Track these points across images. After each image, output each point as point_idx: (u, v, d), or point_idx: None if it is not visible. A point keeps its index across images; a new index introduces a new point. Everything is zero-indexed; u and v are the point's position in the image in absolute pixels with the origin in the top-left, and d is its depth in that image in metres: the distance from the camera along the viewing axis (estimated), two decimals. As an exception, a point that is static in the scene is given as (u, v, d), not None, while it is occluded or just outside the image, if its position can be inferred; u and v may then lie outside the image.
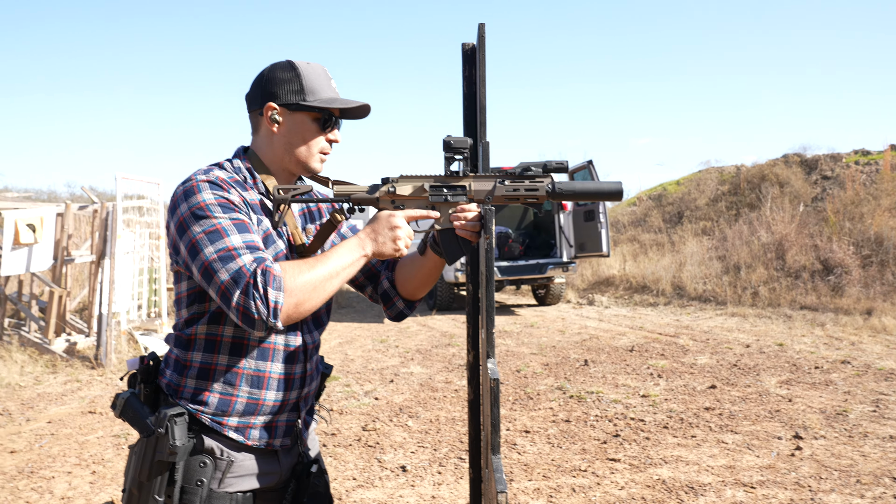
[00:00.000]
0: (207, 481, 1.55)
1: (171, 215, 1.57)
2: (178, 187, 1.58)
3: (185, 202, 1.53)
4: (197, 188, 1.54)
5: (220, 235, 1.48)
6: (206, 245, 1.47)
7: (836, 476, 3.98)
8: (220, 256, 1.45)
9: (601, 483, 4.03)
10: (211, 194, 1.53)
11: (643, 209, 18.73)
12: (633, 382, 6.39)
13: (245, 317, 1.42)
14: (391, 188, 1.71)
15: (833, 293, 10.77)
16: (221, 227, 1.49)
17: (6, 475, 4.36)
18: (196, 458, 1.56)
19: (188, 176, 1.60)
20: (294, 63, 1.69)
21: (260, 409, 1.63)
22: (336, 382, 6.76)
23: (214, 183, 1.56)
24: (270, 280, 1.42)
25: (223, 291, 1.43)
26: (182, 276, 1.61)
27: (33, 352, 7.80)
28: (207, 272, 1.46)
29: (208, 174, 1.59)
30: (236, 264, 1.44)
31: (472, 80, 2.05)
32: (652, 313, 11.28)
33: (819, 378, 6.26)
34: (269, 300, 1.41)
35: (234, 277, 1.43)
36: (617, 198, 1.71)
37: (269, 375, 1.64)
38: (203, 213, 1.51)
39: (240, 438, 1.61)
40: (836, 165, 15.73)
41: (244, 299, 1.41)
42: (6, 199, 10.61)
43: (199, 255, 1.47)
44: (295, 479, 1.75)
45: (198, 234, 1.49)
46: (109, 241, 7.97)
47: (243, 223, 1.53)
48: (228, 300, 1.43)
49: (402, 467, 4.38)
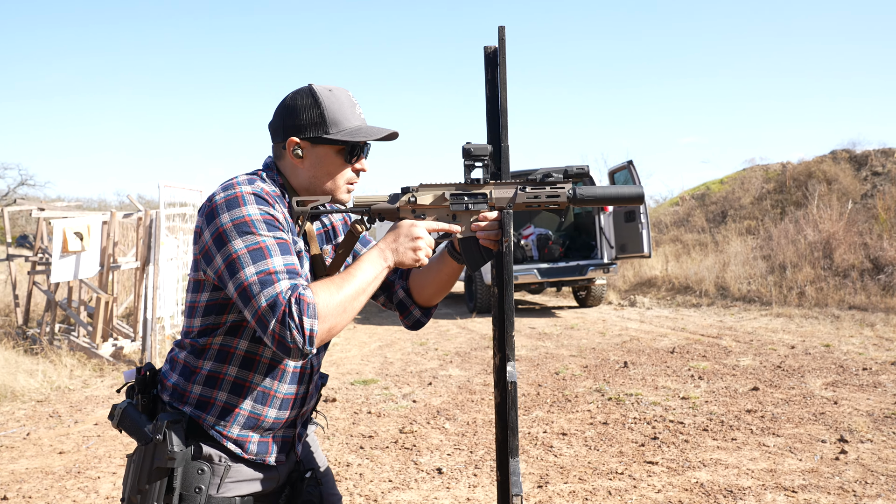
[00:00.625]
0: (206, 488, 1.55)
1: (207, 222, 1.52)
2: (219, 193, 1.54)
3: (228, 212, 1.49)
4: (242, 199, 1.50)
5: (263, 255, 1.45)
6: (247, 264, 1.44)
7: (882, 481, 3.87)
8: (261, 279, 1.42)
9: (637, 486, 3.98)
10: (257, 209, 1.50)
11: (686, 209, 18.45)
12: (674, 384, 6.30)
13: (281, 345, 1.41)
14: (412, 198, 1.70)
15: (884, 292, 10.46)
16: (265, 246, 1.46)
17: (55, 475, 4.49)
18: (194, 464, 1.55)
19: (229, 181, 1.57)
20: (315, 91, 1.63)
21: (259, 424, 1.63)
22: (375, 385, 6.81)
23: (260, 196, 1.52)
24: (305, 308, 1.40)
25: (259, 317, 1.42)
26: (205, 286, 1.58)
27: (82, 356, 8.03)
28: (245, 294, 1.43)
29: (253, 185, 1.55)
30: (274, 290, 1.41)
31: (494, 84, 2.05)
32: (694, 314, 11.10)
33: (867, 380, 6.09)
34: (304, 329, 1.40)
35: (271, 304, 1.40)
36: (637, 202, 1.70)
37: (275, 394, 1.64)
38: (248, 228, 1.47)
39: (237, 451, 1.61)
40: (888, 161, 15.30)
41: (280, 328, 1.40)
42: (56, 209, 10.94)
43: (240, 273, 1.44)
44: (290, 485, 1.76)
45: (240, 249, 1.46)
46: (153, 248, 8.16)
47: (286, 243, 1.50)
48: (265, 326, 1.41)
49: (438, 469, 4.39)
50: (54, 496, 4.14)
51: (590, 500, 3.83)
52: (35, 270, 9.99)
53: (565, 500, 3.85)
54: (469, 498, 3.95)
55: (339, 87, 1.67)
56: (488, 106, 2.01)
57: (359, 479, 4.28)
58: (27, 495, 4.15)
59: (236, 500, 1.60)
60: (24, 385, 6.87)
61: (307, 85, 1.66)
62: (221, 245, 1.48)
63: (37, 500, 4.09)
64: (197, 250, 1.56)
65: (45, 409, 6.24)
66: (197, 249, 1.56)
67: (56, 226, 8.02)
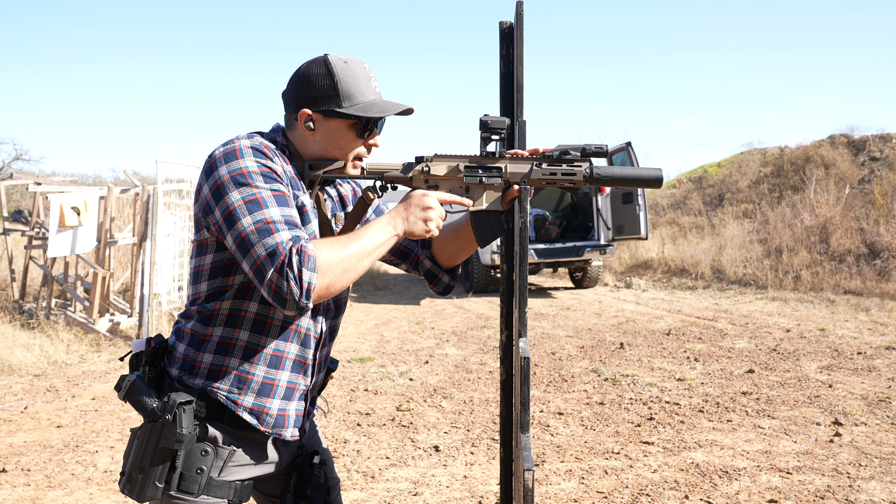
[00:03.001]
0: (208, 469, 1.53)
1: (205, 177, 1.50)
2: (217, 149, 1.52)
3: (225, 165, 1.48)
4: (240, 152, 1.49)
5: (260, 206, 1.43)
6: (244, 214, 1.43)
7: (876, 463, 3.90)
8: (258, 229, 1.41)
9: (634, 466, 4.01)
10: (254, 161, 1.48)
11: (683, 191, 18.43)
12: (669, 366, 6.33)
13: (276, 295, 1.39)
14: (425, 167, 1.67)
15: (879, 277, 10.50)
16: (261, 197, 1.44)
17: (53, 448, 4.50)
18: (198, 446, 1.53)
19: (229, 139, 1.55)
20: (330, 62, 1.60)
21: (275, 390, 1.60)
22: (371, 363, 6.83)
23: (258, 149, 1.51)
24: (305, 260, 1.38)
25: (258, 266, 1.40)
26: (207, 248, 1.56)
27: (78, 331, 8.02)
28: (243, 244, 1.42)
29: (252, 138, 1.53)
30: (273, 240, 1.40)
31: (509, 59, 2.03)
32: (690, 297, 11.13)
33: (862, 364, 6.13)
34: (302, 281, 1.38)
35: (270, 254, 1.39)
36: (656, 185, 1.65)
37: (287, 356, 1.61)
38: (244, 179, 1.46)
39: (253, 421, 1.58)
40: (886, 146, 15.28)
41: (277, 278, 1.37)
42: (53, 184, 10.87)
43: (237, 224, 1.43)
44: (297, 472, 1.74)
45: (237, 201, 1.44)
46: (150, 224, 8.13)
47: (283, 195, 1.48)
48: (262, 276, 1.39)
49: (435, 447, 4.42)
50: (53, 469, 4.15)
51: (586, 479, 3.86)
52: (31, 245, 9.94)
53: (562, 478, 3.88)
54: (466, 475, 3.97)
55: (354, 59, 1.64)
56: (502, 81, 1.99)
57: (356, 455, 4.30)
58: (26, 468, 4.17)
59: (236, 483, 1.58)
60: (21, 359, 6.87)
61: (323, 55, 1.62)
62: (219, 198, 1.46)
63: (35, 472, 4.10)
64: (197, 209, 1.54)
65: (42, 384, 6.25)
66: (197, 208, 1.54)
67: (53, 200, 7.98)
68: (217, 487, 1.55)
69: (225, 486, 1.56)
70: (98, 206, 8.53)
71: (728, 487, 3.66)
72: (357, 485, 3.86)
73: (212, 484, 1.54)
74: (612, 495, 3.63)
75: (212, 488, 1.54)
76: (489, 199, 1.69)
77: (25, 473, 4.09)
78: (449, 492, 3.76)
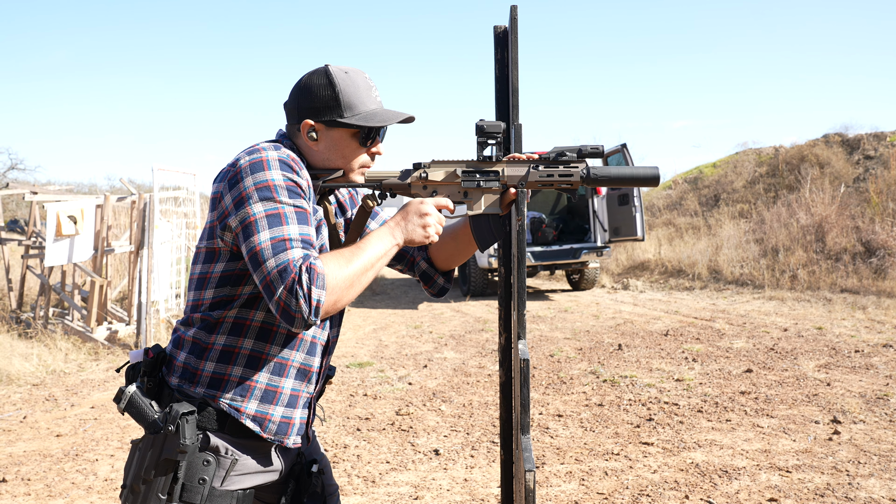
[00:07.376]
0: (210, 479, 1.52)
1: (229, 187, 1.50)
2: (243, 157, 1.51)
3: (251, 176, 1.47)
4: (267, 164, 1.48)
5: (280, 222, 1.44)
6: (263, 228, 1.43)
7: (875, 461, 3.92)
8: (274, 245, 1.41)
9: (634, 467, 4.02)
10: (280, 174, 1.48)
11: (679, 192, 18.48)
12: (668, 367, 6.34)
13: (285, 312, 1.39)
14: (423, 174, 1.69)
15: (875, 275, 10.53)
16: (283, 213, 1.45)
17: (53, 457, 4.50)
18: (200, 455, 1.53)
19: (253, 147, 1.54)
20: (331, 73, 1.61)
21: (278, 397, 1.60)
22: (370, 368, 6.83)
23: (286, 162, 1.50)
24: (315, 278, 1.39)
25: (268, 282, 1.40)
26: (220, 256, 1.55)
27: (76, 340, 8.01)
28: (256, 257, 1.42)
29: (278, 150, 1.52)
30: (286, 256, 1.40)
31: (504, 63, 2.04)
32: (688, 297, 11.15)
33: (859, 362, 6.15)
34: (311, 299, 1.38)
35: (281, 271, 1.39)
36: (653, 183, 1.67)
37: (291, 364, 1.62)
38: (269, 193, 1.46)
39: (256, 429, 1.57)
40: (880, 145, 15.34)
41: (287, 295, 1.38)
42: (48, 192, 10.86)
43: (254, 236, 1.43)
44: (294, 480, 1.73)
45: (259, 213, 1.44)
46: (147, 232, 8.13)
47: (304, 213, 1.48)
48: (272, 292, 1.39)
49: (435, 451, 4.42)
50: (53, 478, 4.15)
51: (586, 480, 3.87)
52: (28, 254, 9.93)
53: (562, 480, 3.88)
54: (466, 479, 3.98)
55: (355, 69, 1.65)
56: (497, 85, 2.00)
57: (356, 460, 4.30)
58: (26, 477, 4.16)
59: (238, 493, 1.57)
60: (19, 369, 6.85)
61: (323, 66, 1.63)
62: (241, 207, 1.46)
63: (36, 482, 4.10)
64: (215, 216, 1.53)
65: (41, 393, 6.24)
66: (215, 216, 1.53)
67: (50, 209, 7.97)
68: (219, 497, 1.54)
69: (227, 496, 1.55)
70: (95, 215, 8.53)
71: (728, 487, 3.67)
72: (358, 490, 3.87)
73: (214, 494, 1.53)
74: (612, 496, 3.64)
75: (214, 498, 1.53)
76: (487, 203, 1.70)
77: (26, 483, 4.09)
78: (450, 495, 3.76)
